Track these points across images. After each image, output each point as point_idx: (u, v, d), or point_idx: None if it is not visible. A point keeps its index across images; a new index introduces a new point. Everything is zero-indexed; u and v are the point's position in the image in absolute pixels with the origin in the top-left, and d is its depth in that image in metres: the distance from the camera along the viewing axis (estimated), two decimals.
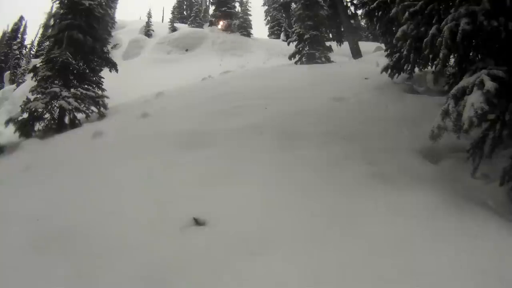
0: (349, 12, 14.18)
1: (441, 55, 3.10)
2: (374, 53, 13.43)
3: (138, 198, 3.23)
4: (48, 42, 10.76)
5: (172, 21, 30.38)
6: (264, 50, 21.45)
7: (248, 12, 30.26)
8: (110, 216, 2.96)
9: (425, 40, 3.41)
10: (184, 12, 36.89)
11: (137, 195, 3.28)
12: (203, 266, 2.26)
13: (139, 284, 2.17)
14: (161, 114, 6.70)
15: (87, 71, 9.69)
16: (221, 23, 25.61)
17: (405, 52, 5.29)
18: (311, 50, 13.05)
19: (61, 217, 3.05)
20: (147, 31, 27.69)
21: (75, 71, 9.18)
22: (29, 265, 2.43)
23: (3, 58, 31.74)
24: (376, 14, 6.77)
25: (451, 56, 3.46)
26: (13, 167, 5.19)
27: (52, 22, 9.85)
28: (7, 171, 5.15)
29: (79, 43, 9.14)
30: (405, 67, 6.32)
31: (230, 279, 2.14)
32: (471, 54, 3.45)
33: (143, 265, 2.30)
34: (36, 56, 24.63)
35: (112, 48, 17.07)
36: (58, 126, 8.59)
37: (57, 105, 8.70)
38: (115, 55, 16.52)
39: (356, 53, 13.79)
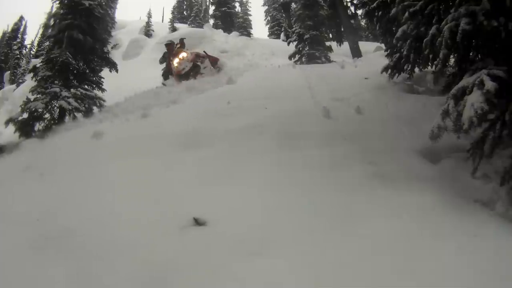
0: (349, 12, 14.19)
1: (441, 55, 3.10)
2: (374, 53, 13.43)
3: (138, 198, 3.23)
4: (48, 42, 10.77)
5: (172, 21, 30.37)
6: (264, 50, 21.46)
7: (248, 12, 30.31)
8: (110, 216, 2.96)
9: (425, 40, 3.42)
10: (184, 12, 36.84)
11: (137, 195, 3.28)
12: (204, 266, 2.26)
13: (139, 284, 2.17)
14: (161, 114, 6.69)
15: (87, 71, 9.69)
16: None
17: (405, 52, 5.31)
18: (311, 50, 13.06)
19: (60, 217, 3.05)
20: (147, 31, 27.68)
21: (75, 71, 9.17)
22: (28, 265, 2.43)
23: (3, 58, 31.72)
24: (376, 14, 6.78)
25: (451, 56, 3.46)
26: (13, 167, 5.18)
27: (52, 22, 9.85)
28: (7, 171, 5.14)
29: (79, 43, 9.14)
30: (405, 67, 6.32)
31: (230, 279, 2.14)
32: (471, 54, 3.45)
33: (143, 265, 2.30)
34: (36, 56, 24.61)
35: (112, 48, 17.02)
36: (58, 126, 8.59)
37: (57, 105, 8.70)
38: (115, 55, 16.52)
39: (356, 53, 13.79)
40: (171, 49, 10.94)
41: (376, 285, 2.00)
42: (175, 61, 10.43)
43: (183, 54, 10.50)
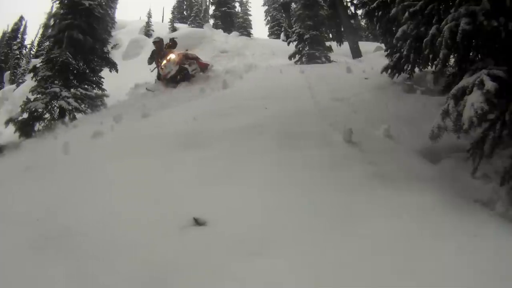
0: (349, 12, 14.20)
1: (441, 55, 3.10)
2: (374, 53, 13.44)
3: (137, 198, 3.22)
4: (48, 42, 10.79)
5: (172, 21, 30.40)
6: (264, 50, 21.45)
7: (248, 12, 30.34)
8: (110, 216, 2.96)
9: (425, 40, 3.42)
10: (184, 12, 36.86)
11: (137, 195, 3.28)
12: (204, 267, 2.26)
13: (139, 284, 2.17)
14: (161, 114, 6.69)
15: (87, 71, 9.72)
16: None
17: (405, 52, 5.31)
18: (311, 50, 13.05)
19: (60, 217, 3.04)
20: (147, 31, 27.69)
21: (75, 71, 9.20)
22: (28, 265, 2.43)
23: (3, 58, 31.74)
24: (376, 14, 6.78)
25: (451, 56, 3.47)
26: (13, 167, 5.19)
27: (52, 22, 9.88)
28: (7, 171, 5.14)
29: (79, 43, 9.17)
30: (405, 67, 6.33)
31: (230, 279, 2.14)
32: (471, 54, 3.45)
33: (143, 265, 2.30)
34: (36, 56, 24.63)
35: (112, 48, 16.98)
36: (58, 126, 8.60)
37: (57, 105, 8.73)
38: (115, 55, 16.52)
39: (356, 53, 13.81)
40: (160, 47, 10.03)
41: (376, 285, 2.00)
42: (162, 64, 9.55)
43: (170, 56, 9.53)
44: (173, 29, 27.14)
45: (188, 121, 5.49)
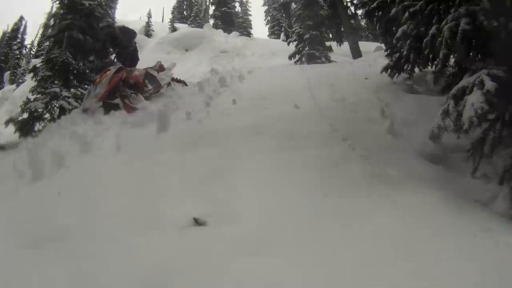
0: (349, 12, 14.22)
1: (441, 55, 3.11)
2: (374, 53, 13.45)
3: (137, 198, 3.22)
4: (48, 42, 10.81)
5: (172, 21, 30.42)
6: (264, 50, 21.47)
7: (248, 12, 30.38)
8: (109, 216, 2.96)
9: (425, 40, 3.43)
10: (184, 12, 36.89)
11: (136, 195, 3.27)
12: (203, 267, 2.26)
13: (139, 284, 2.16)
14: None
15: (87, 71, 9.71)
16: None
17: (405, 52, 5.32)
18: (311, 50, 13.09)
19: (59, 217, 3.04)
20: (147, 31, 27.72)
21: (75, 71, 9.20)
22: (27, 265, 2.43)
23: (3, 58, 31.76)
24: (376, 14, 6.79)
25: (451, 56, 3.47)
26: (12, 167, 5.18)
27: (52, 22, 9.89)
28: (6, 171, 5.14)
29: (79, 43, 9.16)
30: (405, 67, 6.33)
31: (230, 279, 2.14)
32: (471, 54, 3.46)
33: (143, 265, 2.30)
34: (36, 56, 24.65)
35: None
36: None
37: (57, 105, 8.72)
38: None
39: (356, 53, 13.82)
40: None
41: (376, 285, 2.00)
42: (91, 86, 6.99)
43: (101, 81, 6.60)
44: (173, 29, 27.15)
45: (189, 120, 5.49)
